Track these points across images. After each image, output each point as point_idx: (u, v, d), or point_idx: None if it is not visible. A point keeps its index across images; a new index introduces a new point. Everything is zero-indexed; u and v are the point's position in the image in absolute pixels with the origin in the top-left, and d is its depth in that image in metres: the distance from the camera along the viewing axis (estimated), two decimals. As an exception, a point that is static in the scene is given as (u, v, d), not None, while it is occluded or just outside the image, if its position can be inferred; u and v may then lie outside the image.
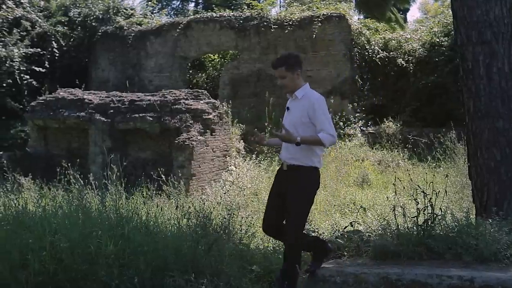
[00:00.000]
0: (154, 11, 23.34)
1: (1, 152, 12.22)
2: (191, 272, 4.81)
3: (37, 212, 6.29)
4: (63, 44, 17.88)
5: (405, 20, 26.23)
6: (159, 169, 10.05)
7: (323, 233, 6.34)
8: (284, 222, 5.06)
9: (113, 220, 5.85)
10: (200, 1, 32.77)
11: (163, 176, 9.65)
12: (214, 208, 6.52)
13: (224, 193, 7.88)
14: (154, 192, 9.09)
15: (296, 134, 4.96)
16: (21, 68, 16.44)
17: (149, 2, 23.29)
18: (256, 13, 17.42)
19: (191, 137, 11.17)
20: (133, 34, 18.36)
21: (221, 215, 6.23)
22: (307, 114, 5.03)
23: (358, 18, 20.16)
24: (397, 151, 13.34)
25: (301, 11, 17.58)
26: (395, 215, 5.59)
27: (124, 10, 20.02)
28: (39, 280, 4.77)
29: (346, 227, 6.24)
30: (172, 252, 5.13)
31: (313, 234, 6.14)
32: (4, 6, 17.41)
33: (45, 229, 5.35)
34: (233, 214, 6.13)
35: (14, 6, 17.57)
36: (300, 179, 4.99)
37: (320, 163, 5.14)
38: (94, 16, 18.90)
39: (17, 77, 16.30)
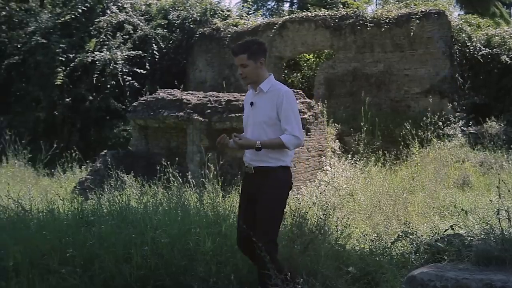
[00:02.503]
0: (250, 12, 23.60)
1: (105, 151, 12.78)
2: (286, 271, 4.82)
3: (139, 209, 6.55)
4: (163, 46, 18.45)
5: (510, 14, 25.02)
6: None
7: (422, 235, 6.17)
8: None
9: (210, 217, 5.98)
10: (295, 1, 32.82)
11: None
12: (309, 208, 6.52)
13: (320, 193, 7.82)
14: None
15: (263, 133, 4.51)
16: (124, 70, 17.13)
17: (245, 4, 23.58)
18: (351, 11, 17.22)
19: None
20: (229, 35, 18.65)
21: (316, 215, 6.21)
22: (275, 110, 4.51)
23: (459, 14, 19.47)
24: (501, 152, 12.75)
25: (398, 8, 17.19)
26: (499, 219, 5.34)
27: (221, 12, 20.40)
28: (141, 274, 4.95)
29: (446, 230, 6.03)
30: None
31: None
32: (108, 11, 18.22)
33: (146, 225, 5.56)
34: (329, 214, 6.09)
35: (117, 11, 18.34)
36: (269, 182, 4.50)
37: (290, 161, 4.69)
38: (192, 19, 19.38)
39: (120, 79, 17.00)
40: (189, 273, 4.98)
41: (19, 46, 17.57)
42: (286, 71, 20.02)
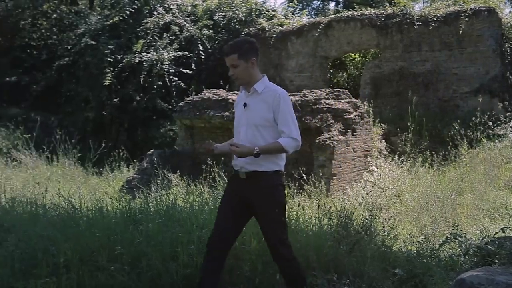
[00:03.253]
0: (295, 12, 23.57)
1: (152, 150, 12.96)
2: (333, 272, 4.80)
3: (185, 208, 6.61)
4: (209, 47, 18.59)
5: None
6: (300, 168, 10.14)
7: (471, 238, 6.04)
8: (233, 241, 4.53)
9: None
10: (340, 0, 32.58)
11: (304, 175, 9.71)
12: (355, 208, 6.46)
13: (366, 194, 7.76)
14: (295, 191, 9.18)
15: (259, 136, 4.36)
16: (170, 70, 17.33)
17: (290, 3, 23.55)
18: (398, 10, 17.00)
19: (332, 137, 11.14)
20: (274, 35, 18.65)
21: (362, 216, 6.15)
22: (272, 112, 4.34)
23: (510, 11, 18.97)
24: (553, 153, 12.37)
25: (446, 6, 16.88)
26: (553, 222, 5.19)
27: (266, 12, 20.42)
28: (187, 272, 4.99)
29: (496, 233, 5.90)
30: (313, 251, 5.15)
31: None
32: (155, 13, 18.47)
33: (193, 223, 5.60)
34: (375, 215, 6.02)
35: (164, 12, 18.58)
36: (267, 187, 4.34)
37: (283, 165, 4.50)
38: (238, 19, 19.46)
39: (167, 79, 17.21)
40: (234, 272, 5.00)
41: (69, 47, 18.00)
42: (331, 71, 19.91)
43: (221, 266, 4.46)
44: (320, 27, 17.73)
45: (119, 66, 17.01)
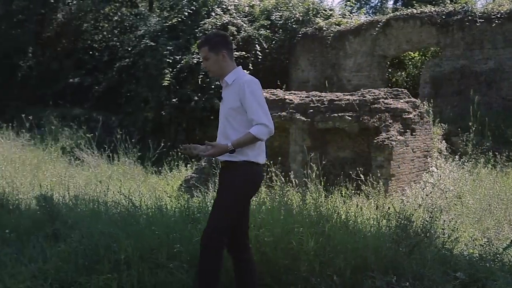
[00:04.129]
0: (353, 11, 23.35)
1: (211, 150, 13.07)
2: (392, 274, 4.73)
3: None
4: (266, 47, 18.63)
5: None
6: (357, 168, 10.04)
7: None
8: (244, 229, 4.56)
9: (313, 217, 5.96)
10: (399, -2, 32.05)
11: (361, 176, 9.61)
12: (414, 210, 6.34)
13: (426, 195, 7.60)
14: (353, 191, 9.10)
15: (229, 126, 4.37)
16: (228, 70, 17.44)
17: (348, 2, 23.34)
18: (460, 7, 16.59)
19: (391, 137, 10.98)
20: (332, 34, 18.53)
21: (422, 217, 6.03)
22: (239, 100, 4.31)
23: None
24: None
25: (510, 2, 16.36)
26: None
27: (323, 11, 20.31)
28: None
29: None
30: (371, 253, 5.09)
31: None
32: (213, 14, 18.66)
33: (250, 223, 5.62)
34: (435, 217, 5.89)
35: (221, 13, 18.74)
36: (230, 175, 4.35)
37: (259, 156, 4.46)
38: (295, 19, 19.43)
39: (224, 79, 17.34)
40: (291, 272, 5.00)
41: (129, 49, 18.40)
42: (389, 70, 19.62)
43: (244, 252, 4.52)
44: (379, 25, 17.50)
45: (178, 66, 17.27)
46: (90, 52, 21.12)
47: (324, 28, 18.85)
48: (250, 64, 17.99)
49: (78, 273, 5.24)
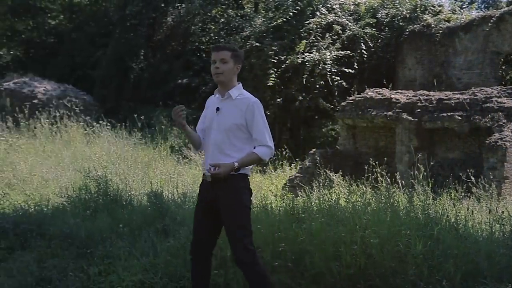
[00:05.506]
0: (463, 6, 22.43)
1: (314, 149, 13.08)
2: (506, 282, 4.51)
3: (347, 207, 6.58)
4: (371, 45, 18.33)
5: None
6: (468, 170, 9.65)
7: None
8: (212, 245, 4.66)
9: (421, 220, 5.80)
10: (514, -8, 30.47)
11: (472, 178, 9.22)
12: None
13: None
14: (463, 194, 8.76)
15: (227, 140, 4.42)
16: (332, 70, 17.35)
17: (458, -3, 22.48)
18: None
19: (504, 138, 10.46)
20: (440, 31, 17.92)
21: (539, 222, 5.70)
22: (244, 119, 4.42)
23: None
24: None
25: None
26: None
27: (432, 8, 19.66)
28: (350, 273, 4.97)
29: None
30: (484, 258, 4.88)
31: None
32: (318, 13, 18.61)
33: (356, 224, 5.56)
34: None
35: (326, 12, 18.65)
36: (231, 189, 4.36)
37: (249, 170, 4.56)
38: (401, 16, 18.97)
39: (329, 79, 17.25)
40: (399, 275, 4.88)
41: (235, 50, 18.72)
42: (503, 67, 18.69)
43: (206, 269, 4.69)
44: (492, 21, 16.71)
45: (283, 66, 17.37)
46: (198, 54, 21.72)
47: (432, 25, 18.25)
48: (355, 64, 17.78)
49: (186, 268, 5.40)
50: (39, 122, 15.08)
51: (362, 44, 18.13)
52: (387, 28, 19.03)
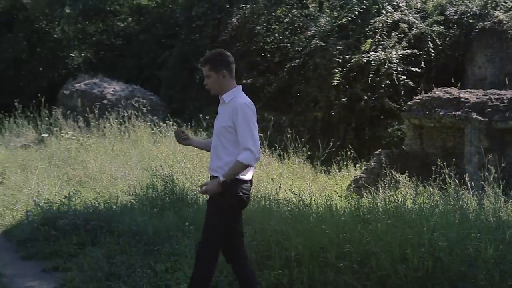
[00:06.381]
0: (537, 2, 21.56)
1: (379, 150, 12.89)
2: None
3: (414, 209, 6.46)
4: (439, 44, 17.90)
5: None
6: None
7: None
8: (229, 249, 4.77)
9: (492, 223, 5.64)
10: None
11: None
12: None
13: None
14: None
15: (219, 143, 4.63)
16: (399, 69, 17.04)
17: (533, -8, 21.63)
18: None
19: None
20: (513, 28, 17.31)
21: None
22: (232, 121, 4.54)
23: None
24: None
25: None
26: None
27: (504, 3, 19.00)
28: (417, 276, 4.88)
29: None
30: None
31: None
32: (383, 11, 18.31)
33: (423, 226, 5.45)
34: None
35: (392, 10, 18.32)
36: (217, 194, 4.53)
37: (247, 172, 4.60)
38: (471, 13, 18.43)
39: (395, 78, 16.95)
40: (468, 280, 4.75)
41: (299, 50, 18.68)
42: None
43: (239, 262, 4.78)
44: None
45: (347, 66, 17.19)
46: (262, 54, 21.79)
47: (504, 22, 17.64)
48: (422, 62, 17.41)
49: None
50: (108, 122, 15.51)
51: (429, 42, 17.71)
52: (455, 25, 18.51)
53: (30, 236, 7.82)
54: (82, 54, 26.79)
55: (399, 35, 17.67)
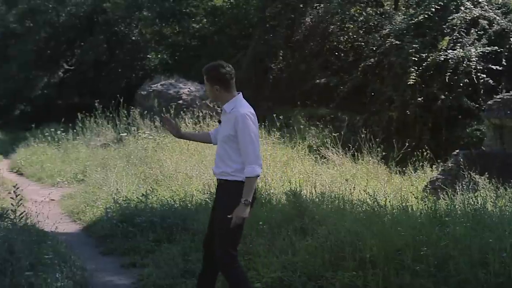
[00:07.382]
0: None
1: (457, 150, 12.51)
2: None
3: (494, 212, 6.25)
4: (526, 40, 17.20)
5: None
6: None
7: None
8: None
9: None
10: None
11: None
12: None
13: None
14: None
15: (224, 152, 4.71)
16: (478, 67, 16.50)
17: None
18: None
19: None
20: None
21: None
22: (234, 130, 4.63)
23: None
24: None
25: None
26: None
27: None
28: (498, 281, 4.71)
29: None
30: None
31: None
32: (462, 8, 17.77)
33: (504, 230, 5.26)
34: None
35: (472, 6, 17.75)
36: (227, 194, 4.66)
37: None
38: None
39: (474, 77, 16.43)
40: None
41: (374, 48, 18.41)
42: None
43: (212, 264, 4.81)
44: None
45: (424, 64, 16.80)
46: (336, 53, 21.62)
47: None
48: (503, 60, 16.77)
49: (324, 267, 5.42)
50: (184, 122, 15.80)
51: (511, 39, 17.07)
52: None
53: (109, 232, 8.10)
54: (159, 56, 27.41)
55: (478, 32, 17.10)
